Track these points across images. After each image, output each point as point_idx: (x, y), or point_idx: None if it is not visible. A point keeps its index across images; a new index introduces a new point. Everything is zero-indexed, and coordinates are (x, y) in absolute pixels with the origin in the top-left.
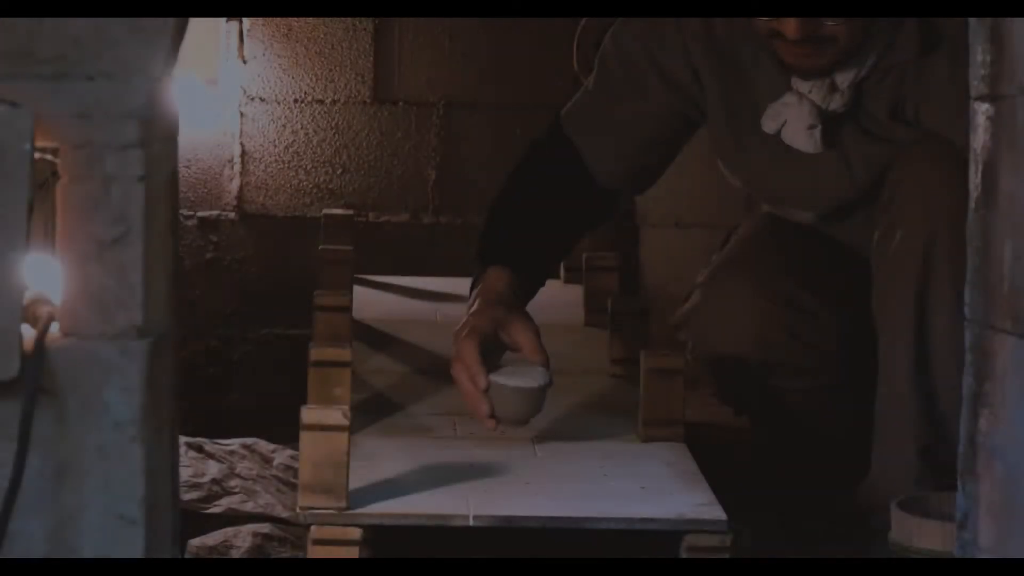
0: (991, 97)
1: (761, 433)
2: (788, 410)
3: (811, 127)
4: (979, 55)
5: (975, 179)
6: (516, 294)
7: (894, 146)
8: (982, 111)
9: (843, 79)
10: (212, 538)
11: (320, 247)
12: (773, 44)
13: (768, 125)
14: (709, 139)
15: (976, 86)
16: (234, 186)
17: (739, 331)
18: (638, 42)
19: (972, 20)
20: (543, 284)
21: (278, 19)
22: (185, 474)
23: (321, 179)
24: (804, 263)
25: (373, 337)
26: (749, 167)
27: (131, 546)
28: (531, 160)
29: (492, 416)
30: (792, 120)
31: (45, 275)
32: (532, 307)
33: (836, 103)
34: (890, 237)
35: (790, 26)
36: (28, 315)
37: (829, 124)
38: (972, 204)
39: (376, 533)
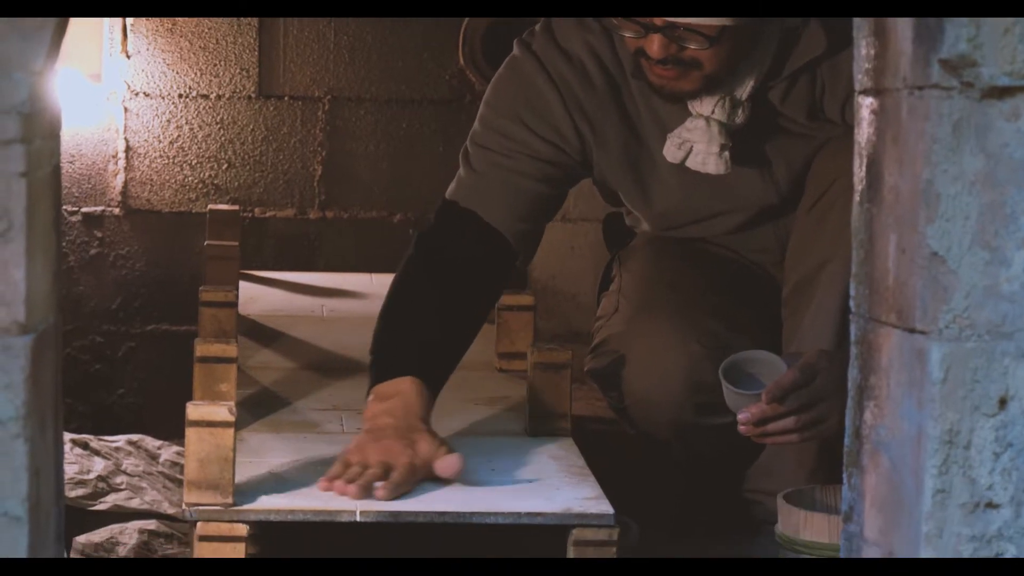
0: (875, 91)
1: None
2: (713, 444)
3: (722, 147)
4: (863, 49)
5: (859, 173)
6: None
7: (815, 142)
8: (866, 105)
9: (741, 91)
10: (98, 535)
11: (206, 243)
12: (641, 65)
13: (672, 155)
14: (611, 181)
15: (860, 80)
16: (118, 182)
17: (671, 379)
18: (519, 98)
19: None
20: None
21: None
22: (70, 471)
23: (206, 175)
24: (711, 292)
25: (259, 333)
26: (657, 202)
27: (15, 544)
28: (423, 248)
29: None
30: (699, 144)
31: None
32: None
33: (740, 117)
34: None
35: (653, 45)
36: None
37: (742, 137)
38: (856, 198)
39: (263, 529)
